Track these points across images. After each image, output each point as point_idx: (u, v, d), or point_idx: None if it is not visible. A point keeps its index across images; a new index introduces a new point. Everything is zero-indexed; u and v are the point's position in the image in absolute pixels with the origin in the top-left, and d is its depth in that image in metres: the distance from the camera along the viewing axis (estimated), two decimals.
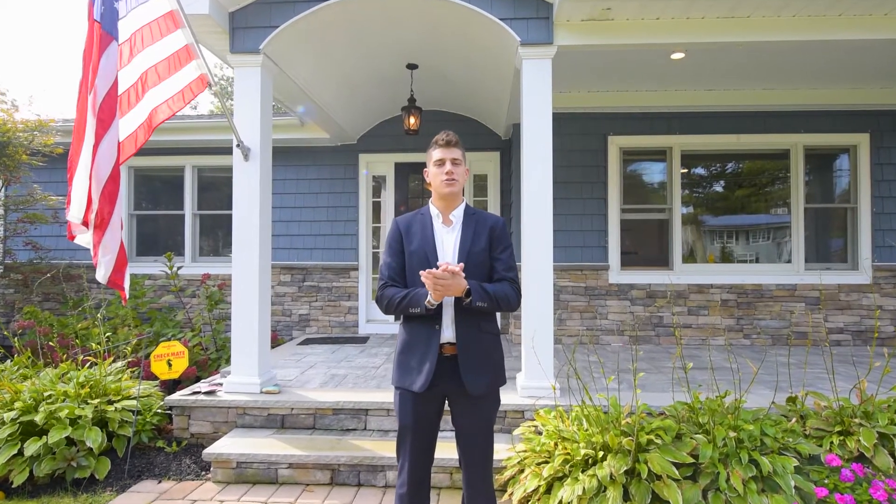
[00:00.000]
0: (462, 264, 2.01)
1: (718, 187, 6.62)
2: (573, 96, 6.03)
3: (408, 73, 5.53)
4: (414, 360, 2.12)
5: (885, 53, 4.91)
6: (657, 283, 6.19)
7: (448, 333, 2.11)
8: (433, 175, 2.21)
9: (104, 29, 2.53)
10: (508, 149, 6.87)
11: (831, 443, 2.87)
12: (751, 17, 3.86)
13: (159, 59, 3.12)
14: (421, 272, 1.97)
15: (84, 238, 2.78)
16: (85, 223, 2.68)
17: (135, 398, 3.76)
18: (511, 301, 2.14)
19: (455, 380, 2.10)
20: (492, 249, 2.18)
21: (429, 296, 2.02)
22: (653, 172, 6.55)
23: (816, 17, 3.82)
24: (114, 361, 4.56)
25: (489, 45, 4.42)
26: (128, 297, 2.94)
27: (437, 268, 1.97)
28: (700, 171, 6.63)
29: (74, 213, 2.75)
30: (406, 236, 2.20)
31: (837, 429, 2.95)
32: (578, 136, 6.22)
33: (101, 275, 2.66)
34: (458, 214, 2.23)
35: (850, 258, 6.24)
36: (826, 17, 3.82)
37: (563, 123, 5.89)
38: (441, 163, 2.17)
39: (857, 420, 2.94)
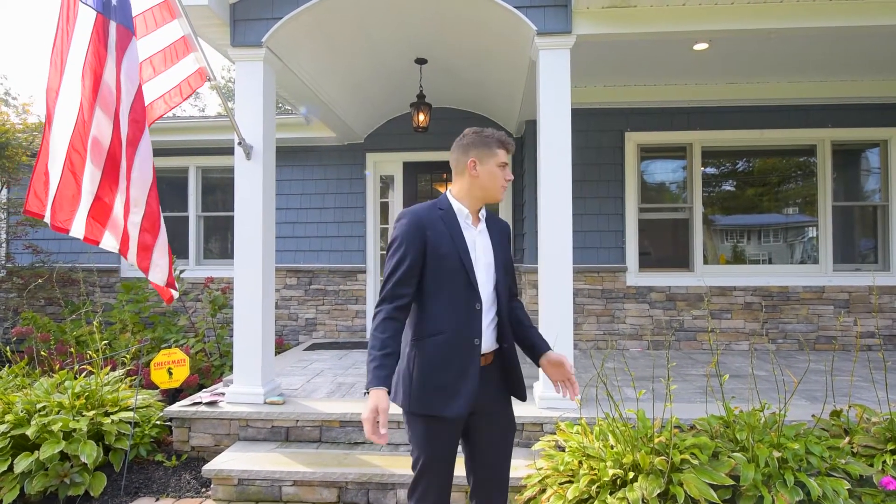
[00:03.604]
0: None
1: (741, 185, 6.33)
2: (588, 91, 5.79)
3: (416, 69, 5.32)
4: (447, 378, 1.80)
5: None
6: (677, 286, 5.93)
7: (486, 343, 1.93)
8: (492, 175, 1.92)
9: (124, 25, 2.30)
10: (520, 147, 6.64)
11: (884, 462, 2.62)
12: (784, 3, 3.61)
13: (154, 51, 2.92)
14: None
15: (110, 242, 2.62)
16: (57, 227, 2.50)
17: (132, 409, 3.58)
18: None
19: (488, 395, 1.89)
20: None
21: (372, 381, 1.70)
22: (672, 170, 6.28)
23: (858, 0, 3.56)
24: (112, 370, 4.39)
25: (502, 35, 4.20)
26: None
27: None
28: (722, 168, 6.35)
29: (59, 217, 2.51)
30: (432, 235, 1.85)
31: (890, 447, 2.69)
32: (593, 132, 5.97)
33: (159, 277, 2.74)
34: (483, 215, 2.04)
35: (882, 259, 5.95)
36: (868, 0, 3.57)
37: (578, 119, 5.62)
38: (504, 166, 1.95)
39: None
